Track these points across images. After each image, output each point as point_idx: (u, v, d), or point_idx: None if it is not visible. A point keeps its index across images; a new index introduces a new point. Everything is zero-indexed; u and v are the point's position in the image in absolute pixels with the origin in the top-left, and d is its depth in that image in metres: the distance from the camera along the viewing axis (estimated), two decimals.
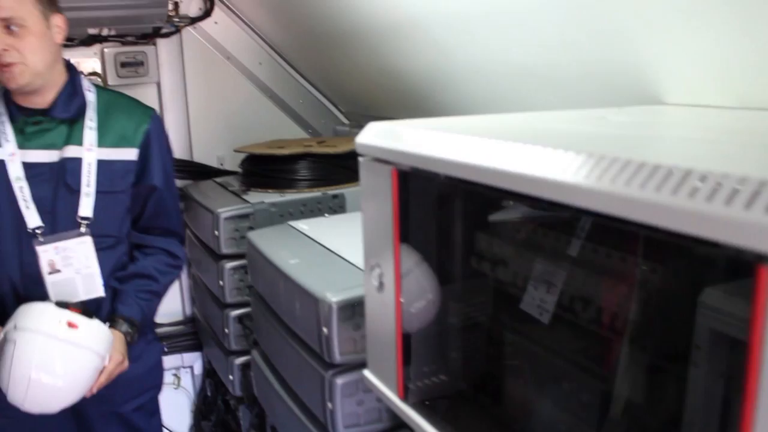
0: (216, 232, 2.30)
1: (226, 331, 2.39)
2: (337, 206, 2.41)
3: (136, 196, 1.99)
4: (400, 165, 1.04)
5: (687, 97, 1.30)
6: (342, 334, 1.45)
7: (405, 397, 1.12)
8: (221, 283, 2.34)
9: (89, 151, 1.87)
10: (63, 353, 1.71)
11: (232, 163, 2.97)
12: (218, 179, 2.84)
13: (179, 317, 3.15)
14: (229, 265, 2.32)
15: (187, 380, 3.27)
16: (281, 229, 2.04)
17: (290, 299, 1.63)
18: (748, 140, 0.85)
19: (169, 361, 3.15)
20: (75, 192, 1.86)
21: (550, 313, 0.97)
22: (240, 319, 2.37)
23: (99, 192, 1.88)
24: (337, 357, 1.47)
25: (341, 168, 2.48)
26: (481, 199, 1.06)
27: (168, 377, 3.21)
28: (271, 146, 2.61)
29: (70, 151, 1.87)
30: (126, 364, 1.92)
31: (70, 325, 1.72)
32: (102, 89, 2.02)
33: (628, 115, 1.17)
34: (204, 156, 3.07)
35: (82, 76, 2.00)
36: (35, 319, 1.70)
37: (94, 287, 1.92)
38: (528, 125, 1.10)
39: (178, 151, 2.97)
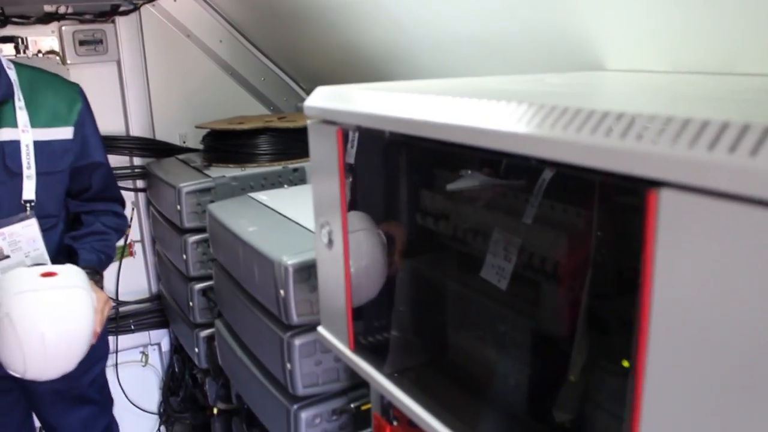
0: (178, 207, 2.33)
1: (191, 304, 2.42)
2: (297, 179, 2.45)
3: (80, 173, 2.01)
4: (345, 125, 1.09)
5: (626, 63, 1.36)
6: (298, 295, 1.50)
7: (355, 348, 1.17)
8: (185, 257, 2.37)
9: (25, 133, 1.84)
10: (58, 298, 1.69)
11: (195, 141, 2.98)
12: (180, 156, 2.86)
13: (145, 295, 3.17)
14: (192, 239, 2.35)
15: (154, 358, 3.30)
16: (241, 200, 2.08)
17: (249, 265, 1.67)
18: (666, 95, 0.91)
19: (137, 338, 3.18)
20: (17, 175, 1.84)
21: (507, 279, 1.02)
22: (204, 292, 2.41)
23: (39, 173, 1.87)
24: (295, 318, 1.52)
25: (301, 142, 2.52)
26: (425, 156, 1.11)
27: (135, 355, 3.25)
28: (232, 122, 2.64)
29: (6, 134, 1.82)
30: (110, 302, 1.97)
31: (48, 274, 1.71)
32: (20, 65, 1.94)
33: (564, 78, 1.23)
34: (166, 134, 3.07)
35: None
36: (14, 285, 1.67)
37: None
38: (468, 86, 1.15)
39: (140, 130, 2.99)
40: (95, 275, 1.97)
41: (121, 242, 2.94)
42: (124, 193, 2.36)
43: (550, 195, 0.85)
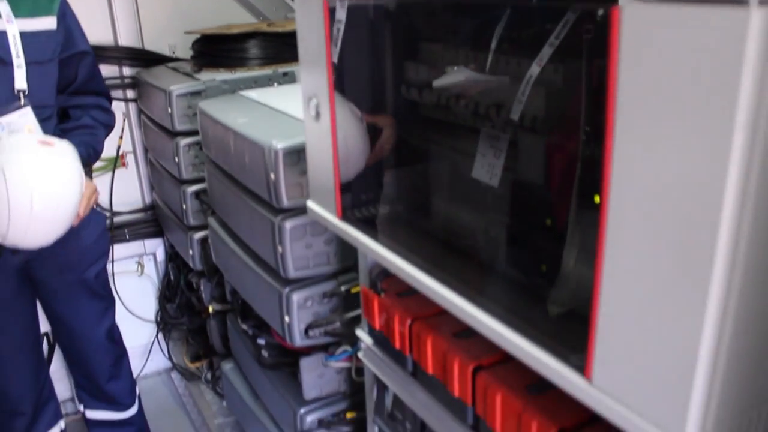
0: (169, 110, 2.35)
1: (184, 207, 2.47)
2: (287, 83, 2.46)
3: (66, 65, 2.03)
4: None
5: None
6: (288, 179, 1.54)
7: (343, 216, 1.22)
8: (177, 159, 2.40)
9: (9, 23, 1.85)
10: (52, 163, 1.73)
11: (184, 51, 2.97)
12: (170, 64, 2.86)
13: (139, 205, 3.21)
14: (184, 141, 2.38)
15: (150, 267, 3.36)
16: (231, 97, 2.11)
17: (240, 155, 1.71)
18: None
19: (132, 248, 3.23)
20: (8, 65, 1.85)
21: (498, 176, 1.06)
22: (197, 194, 2.45)
23: (29, 63, 1.88)
24: (285, 201, 1.57)
25: (291, 47, 2.52)
26: (410, 28, 1.13)
27: (131, 265, 3.30)
28: (221, 29, 2.63)
29: None
30: (97, 192, 2.01)
31: (46, 143, 1.76)
32: None
33: None
34: (155, 44, 3.05)
35: None
36: (12, 145, 1.70)
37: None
38: None
39: (128, 40, 2.98)
40: (84, 168, 2.01)
41: (113, 153, 2.96)
42: (114, 103, 2.37)
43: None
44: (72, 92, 2.11)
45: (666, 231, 0.62)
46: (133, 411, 2.58)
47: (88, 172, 2.05)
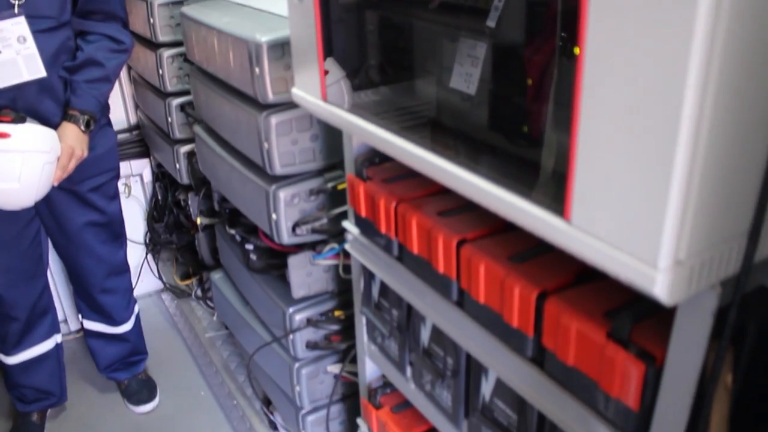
0: (151, 20, 2.32)
1: (170, 120, 2.46)
2: None
3: None
4: None
5: None
6: (273, 73, 1.54)
7: (326, 99, 1.23)
8: (160, 71, 2.38)
9: None
10: (5, 161, 1.78)
11: None
12: None
13: (124, 125, 3.19)
14: (168, 53, 2.36)
15: (137, 189, 3.35)
16: (214, 2, 2.07)
17: (224, 53, 1.70)
18: None
19: None
20: None
21: (476, 84, 1.06)
22: (182, 107, 2.44)
23: None
24: (270, 96, 1.56)
25: None
26: None
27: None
28: None
29: None
30: (80, 153, 2.00)
31: (1, 135, 1.77)
32: None
33: None
34: None
35: None
36: None
37: (36, 68, 1.93)
38: None
39: None
40: (88, 118, 2.01)
41: None
42: None
43: None
44: (81, 14, 2.02)
45: (639, 63, 0.63)
46: (126, 327, 2.61)
47: (92, 123, 2.04)
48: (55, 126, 1.96)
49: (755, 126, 0.67)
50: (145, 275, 3.41)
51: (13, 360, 2.38)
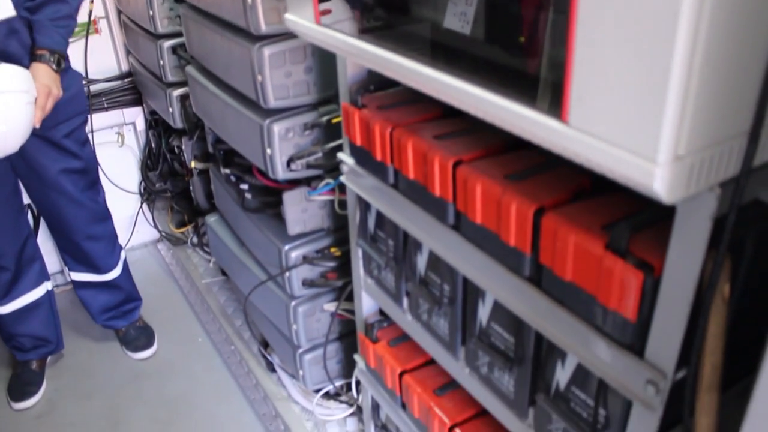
0: None
1: (162, 62, 2.42)
2: None
3: None
4: None
5: None
6: (266, 2, 1.51)
7: (320, 23, 1.20)
8: (151, 13, 2.34)
9: None
10: None
11: None
12: None
13: (115, 72, 3.15)
14: None
15: (131, 138, 3.33)
16: None
17: None
18: None
19: (110, 118, 3.19)
20: None
21: (470, 23, 1.03)
22: (174, 49, 2.40)
23: None
24: (263, 27, 1.54)
25: None
26: None
27: (112, 135, 3.27)
28: None
29: None
30: (56, 92, 1.96)
31: None
32: None
33: None
34: None
35: None
36: None
37: (6, 6, 1.89)
38: None
39: None
40: (56, 56, 1.97)
41: (84, 18, 2.88)
42: None
43: None
44: None
45: None
46: (114, 274, 2.60)
47: (60, 61, 1.99)
48: None
49: (758, 20, 0.66)
50: (140, 226, 3.41)
51: (5, 309, 2.39)
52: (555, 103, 0.76)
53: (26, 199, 2.42)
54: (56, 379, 2.63)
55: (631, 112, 0.68)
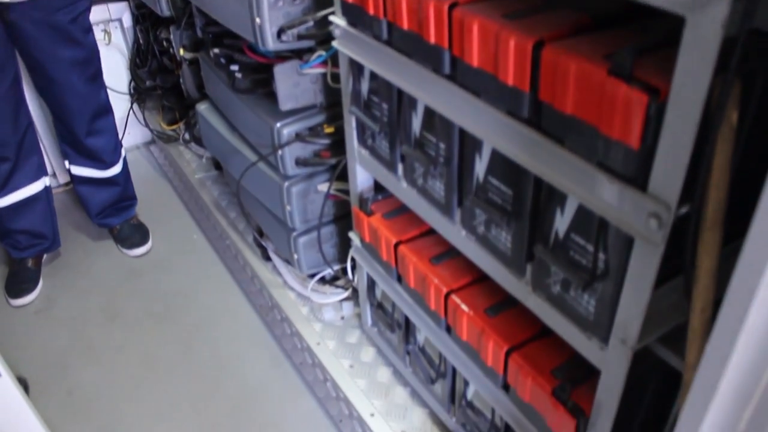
0: None
1: None
2: None
3: None
4: None
5: None
6: None
7: None
8: None
9: None
10: None
11: None
12: None
13: None
14: None
15: (117, 36, 3.24)
16: None
17: None
18: None
19: (96, 14, 3.06)
20: None
21: None
22: None
23: None
24: None
25: None
26: None
27: (98, 34, 3.17)
28: None
29: None
30: None
31: None
32: None
33: None
34: None
35: None
36: None
37: None
38: None
39: None
40: None
41: None
42: None
43: None
44: None
45: None
46: (116, 170, 2.60)
47: None
48: None
49: None
50: (131, 128, 3.35)
51: (4, 202, 2.36)
52: None
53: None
54: (53, 277, 2.63)
55: None
